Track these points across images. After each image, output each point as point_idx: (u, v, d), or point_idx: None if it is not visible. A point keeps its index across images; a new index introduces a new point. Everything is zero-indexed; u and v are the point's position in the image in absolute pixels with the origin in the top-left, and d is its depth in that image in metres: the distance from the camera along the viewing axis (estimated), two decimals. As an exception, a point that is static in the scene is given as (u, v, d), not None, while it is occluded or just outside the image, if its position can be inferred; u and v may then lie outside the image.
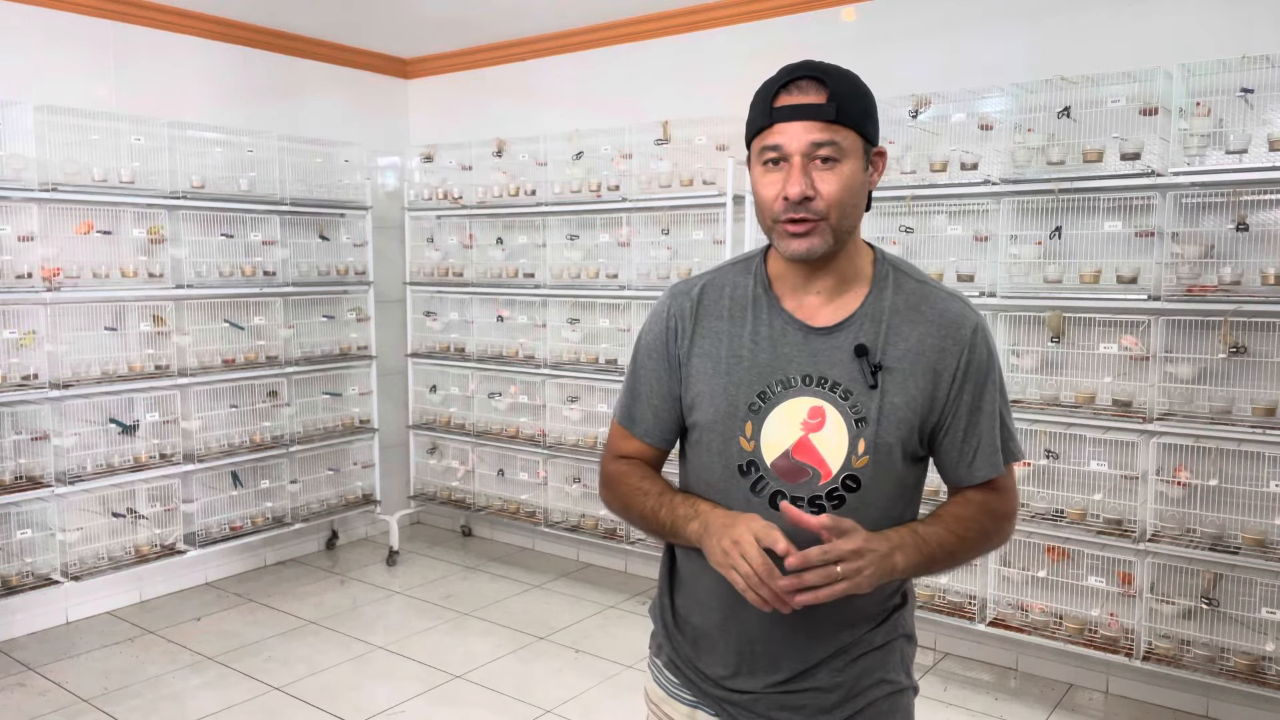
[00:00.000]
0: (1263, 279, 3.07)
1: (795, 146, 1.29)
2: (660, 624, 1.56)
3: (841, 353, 1.36)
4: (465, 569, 5.01)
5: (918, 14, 3.92)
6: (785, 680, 1.42)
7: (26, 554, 3.86)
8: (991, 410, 1.40)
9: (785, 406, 1.36)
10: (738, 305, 1.43)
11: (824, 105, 1.29)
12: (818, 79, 1.31)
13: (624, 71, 4.75)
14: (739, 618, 1.41)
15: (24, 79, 4.00)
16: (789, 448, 1.36)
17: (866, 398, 1.35)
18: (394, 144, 5.60)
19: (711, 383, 1.40)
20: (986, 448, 1.40)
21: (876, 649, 1.44)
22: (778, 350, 1.38)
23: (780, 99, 1.31)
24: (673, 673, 1.53)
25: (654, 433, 1.49)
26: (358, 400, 5.20)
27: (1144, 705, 3.49)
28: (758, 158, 1.34)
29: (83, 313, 4.03)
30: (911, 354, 1.36)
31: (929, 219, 3.80)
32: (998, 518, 1.43)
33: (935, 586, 3.73)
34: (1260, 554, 3.07)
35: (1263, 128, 3.11)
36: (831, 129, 1.29)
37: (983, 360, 1.39)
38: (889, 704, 1.45)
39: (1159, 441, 3.28)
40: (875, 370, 1.35)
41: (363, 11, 4.70)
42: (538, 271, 4.86)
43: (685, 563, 1.51)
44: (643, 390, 1.49)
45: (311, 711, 3.43)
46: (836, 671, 1.42)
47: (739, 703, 1.45)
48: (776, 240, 1.36)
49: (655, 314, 1.50)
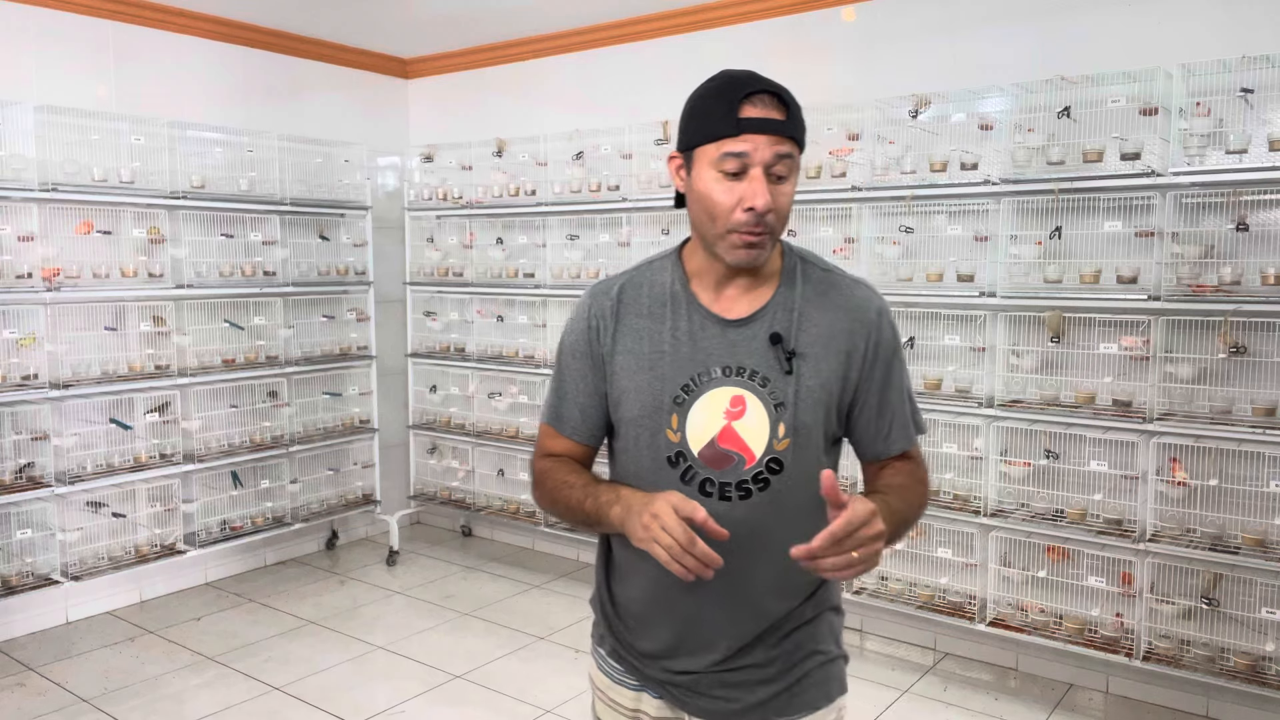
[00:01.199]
0: (1263, 279, 3.07)
1: (760, 158, 1.34)
2: (600, 614, 1.61)
3: (757, 342, 1.43)
4: (465, 569, 5.01)
5: (918, 14, 3.92)
6: (724, 659, 1.48)
7: (26, 554, 3.86)
8: (900, 386, 1.49)
9: (708, 397, 1.43)
10: (657, 302, 1.48)
11: (786, 122, 1.35)
12: (776, 95, 1.36)
13: (624, 71, 4.75)
14: (676, 601, 1.47)
15: (24, 79, 4.01)
16: (714, 436, 1.42)
17: (783, 383, 1.41)
18: (394, 144, 5.60)
19: (636, 378, 1.46)
20: (900, 421, 1.49)
21: (807, 622, 1.51)
22: (697, 344, 1.44)
23: (746, 110, 1.34)
24: (616, 660, 1.59)
25: (581, 430, 1.53)
26: (358, 400, 5.20)
27: (1144, 705, 3.49)
28: (713, 163, 1.36)
29: (83, 313, 4.03)
30: (823, 338, 1.43)
31: (929, 219, 3.80)
32: (922, 482, 1.52)
33: (935, 586, 3.73)
34: (1260, 554, 3.07)
35: (1263, 128, 3.11)
36: (788, 144, 1.36)
37: (889, 340, 1.47)
38: (823, 673, 1.53)
39: (1159, 441, 3.28)
40: (790, 356, 1.42)
41: (363, 11, 4.70)
42: (538, 271, 4.86)
43: (621, 552, 1.56)
44: (568, 390, 1.53)
45: (311, 711, 3.43)
46: (771, 646, 1.49)
47: (681, 683, 1.51)
48: (724, 249, 1.39)
49: (576, 315, 1.54)
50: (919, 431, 1.53)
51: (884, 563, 3.84)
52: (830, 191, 3.87)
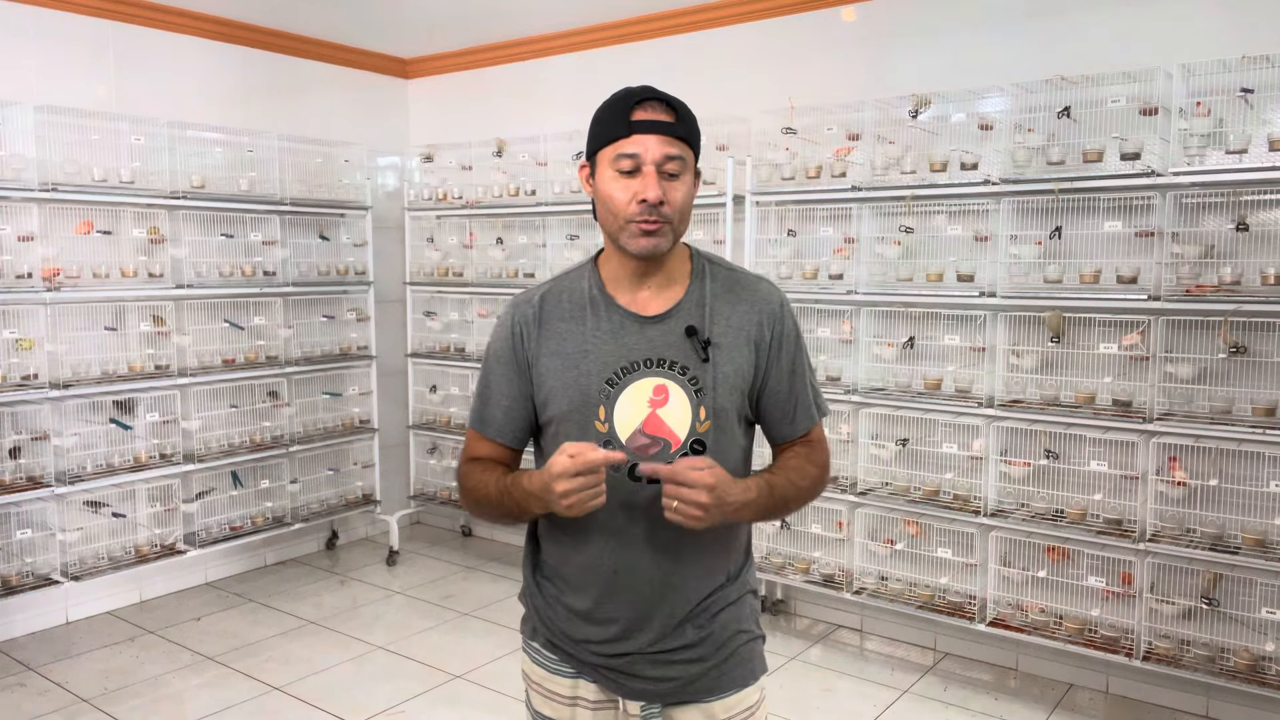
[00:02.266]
0: (1263, 279, 3.07)
1: (650, 156, 1.47)
2: (531, 607, 1.73)
3: (674, 335, 1.55)
4: (465, 569, 5.01)
5: (918, 14, 3.92)
6: (655, 639, 1.57)
7: (26, 554, 3.86)
8: (802, 372, 1.63)
9: (632, 388, 1.53)
10: (577, 307, 1.58)
11: (676, 124, 1.49)
12: (665, 101, 1.50)
13: (624, 71, 4.75)
14: (604, 588, 1.57)
15: (24, 79, 4.00)
16: (640, 424, 1.53)
17: (701, 370, 1.54)
18: (394, 144, 5.60)
19: (563, 376, 1.55)
20: (804, 404, 1.63)
21: (731, 604, 1.62)
22: (619, 340, 1.55)
23: (637, 114, 1.48)
24: (550, 650, 1.68)
25: (506, 431, 1.63)
26: (358, 400, 5.20)
27: (1144, 705, 3.49)
28: (610, 164, 1.49)
29: (83, 313, 4.03)
30: (733, 329, 1.56)
31: (929, 219, 3.80)
32: (819, 465, 1.64)
33: (935, 586, 3.73)
34: (1260, 554, 3.07)
35: (1263, 128, 3.11)
36: (678, 144, 1.49)
37: (791, 329, 1.61)
38: (748, 650, 1.64)
39: (1159, 441, 3.28)
40: (705, 345, 1.54)
41: (363, 11, 4.70)
42: (538, 271, 4.86)
43: (549, 546, 1.67)
44: (493, 394, 1.63)
45: (311, 711, 3.43)
46: (700, 627, 1.58)
47: (617, 666, 1.59)
48: (626, 239, 1.50)
49: (500, 325, 1.63)
50: (821, 414, 1.66)
51: (884, 563, 3.85)
52: (830, 191, 3.87)
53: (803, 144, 3.98)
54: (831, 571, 3.96)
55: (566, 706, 1.65)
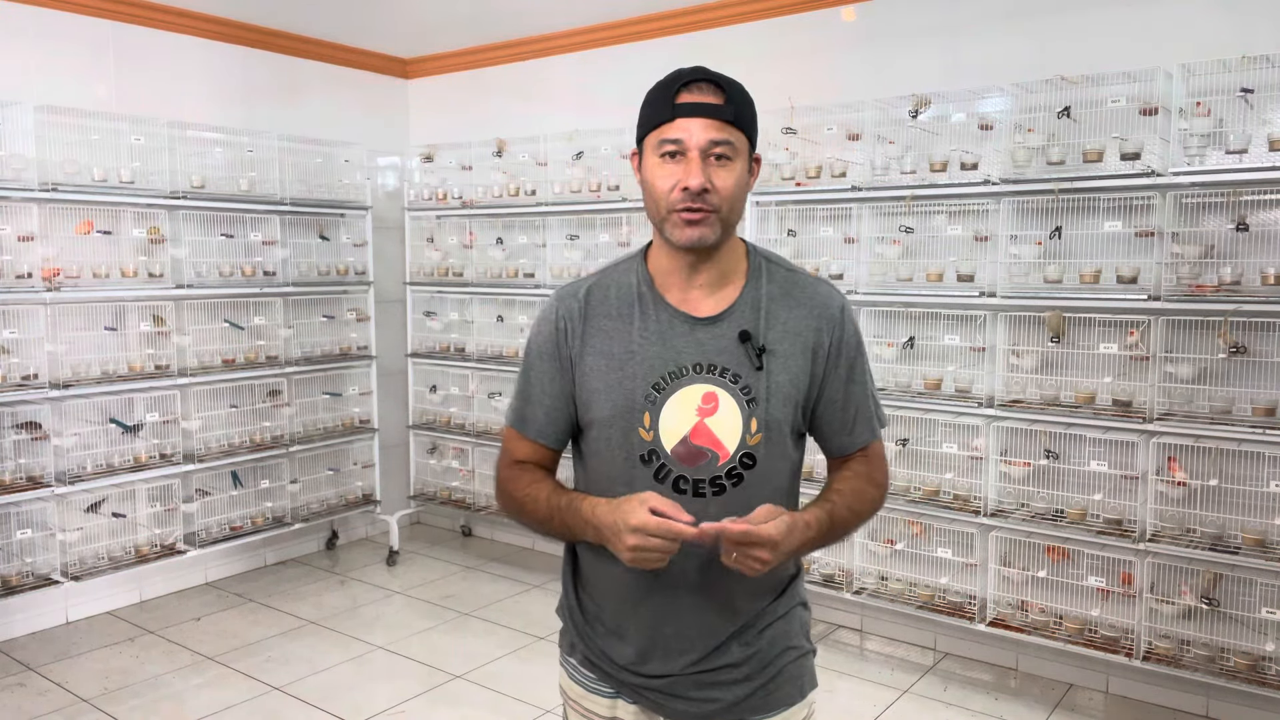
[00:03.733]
0: (1263, 279, 3.07)
1: (695, 141, 1.37)
2: (570, 622, 1.61)
3: (727, 340, 1.45)
4: (465, 569, 5.01)
5: (918, 14, 3.92)
6: (699, 659, 1.48)
7: (26, 554, 3.86)
8: (863, 381, 1.53)
9: (680, 395, 1.44)
10: (624, 303, 1.49)
11: (723, 106, 1.38)
12: (715, 83, 1.40)
13: (624, 71, 4.75)
14: (647, 604, 1.48)
15: (24, 79, 4.00)
16: (686, 434, 1.43)
17: (755, 379, 1.44)
18: (394, 144, 5.60)
19: (607, 378, 1.46)
20: (864, 415, 1.53)
21: (780, 619, 1.53)
22: (667, 342, 1.45)
23: (682, 97, 1.39)
24: (589, 669, 1.58)
25: (546, 432, 1.53)
26: (358, 400, 5.20)
27: (1144, 705, 3.49)
28: (654, 150, 1.41)
29: (83, 313, 4.03)
30: (790, 335, 1.46)
31: (929, 219, 3.80)
32: (878, 485, 1.55)
33: (935, 586, 3.73)
34: (1260, 554, 3.07)
35: (1263, 128, 3.11)
36: (727, 129, 1.38)
37: (852, 336, 1.51)
38: (796, 668, 1.55)
39: (1159, 441, 3.28)
40: (760, 353, 1.44)
41: (363, 11, 4.70)
42: (538, 271, 4.86)
43: (588, 558, 1.56)
44: (534, 392, 1.53)
45: (311, 711, 3.43)
46: (746, 645, 1.50)
47: (657, 687, 1.50)
48: (670, 229, 1.42)
49: (543, 318, 1.54)
50: (881, 425, 1.56)
51: (884, 562, 3.85)
52: (830, 191, 3.87)
53: (803, 144, 3.98)
54: (831, 571, 3.96)
55: None
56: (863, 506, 1.52)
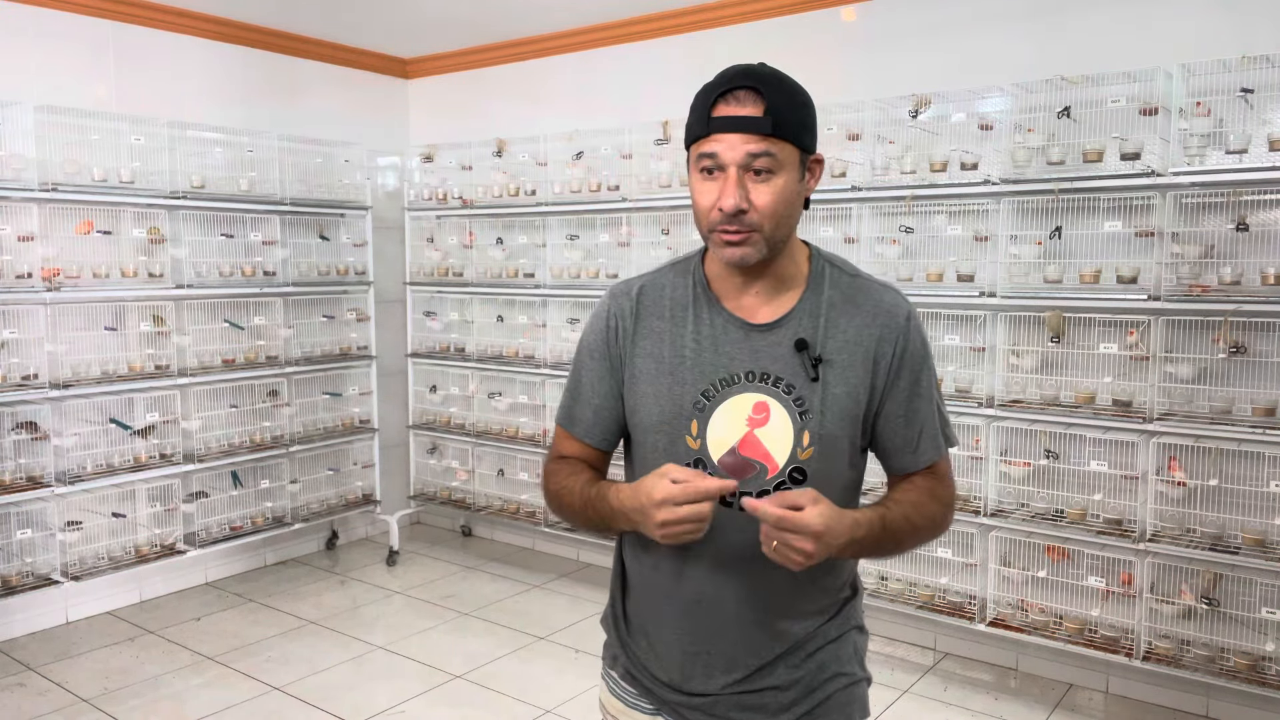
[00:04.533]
0: (1263, 279, 3.07)
1: (731, 157, 1.29)
2: (614, 634, 1.56)
3: (782, 348, 1.38)
4: (465, 569, 5.01)
5: (918, 14, 3.92)
6: (742, 679, 1.42)
7: (26, 554, 3.86)
8: (929, 396, 1.43)
9: (730, 403, 1.38)
10: (678, 305, 1.44)
11: (760, 119, 1.28)
12: (756, 90, 1.29)
13: (624, 71, 4.75)
14: (692, 619, 1.43)
15: (24, 79, 4.00)
16: (735, 444, 1.37)
17: (809, 390, 1.37)
18: (394, 144, 5.60)
19: (656, 383, 1.41)
20: (929, 432, 1.43)
21: (831, 642, 1.46)
22: (720, 348, 1.40)
23: (719, 108, 1.31)
24: (630, 683, 1.53)
25: (594, 432, 1.49)
26: (358, 400, 5.20)
27: (1144, 705, 3.49)
28: (695, 164, 1.34)
29: (83, 313, 4.03)
30: (850, 345, 1.39)
31: (929, 219, 3.80)
32: (944, 504, 1.46)
33: (935, 586, 3.73)
34: (1260, 554, 3.07)
35: (1263, 128, 3.11)
36: (768, 141, 1.29)
37: (918, 348, 1.42)
38: (846, 695, 1.47)
39: (1159, 441, 3.28)
40: (816, 363, 1.37)
41: (363, 11, 4.70)
42: (538, 271, 4.86)
43: (634, 568, 1.51)
44: (584, 391, 1.49)
45: (311, 711, 3.43)
46: (794, 668, 1.43)
47: (698, 706, 1.45)
48: (713, 246, 1.37)
49: (596, 315, 1.50)
50: (949, 444, 1.47)
51: (884, 562, 3.85)
52: (830, 191, 3.86)
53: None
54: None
55: None
56: (922, 521, 1.41)
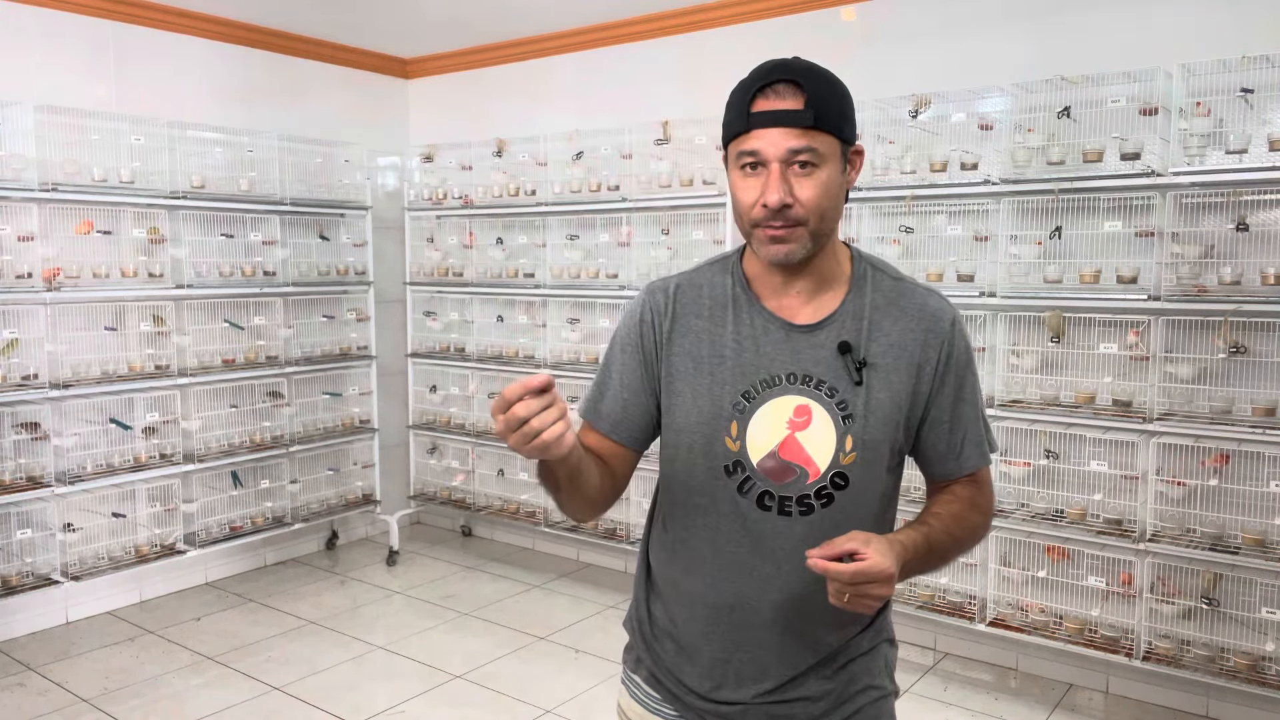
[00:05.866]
0: (1263, 279, 3.07)
1: (773, 153, 1.27)
2: (639, 636, 1.52)
3: (825, 350, 1.35)
4: (465, 569, 5.01)
5: (918, 14, 3.92)
6: (773, 689, 1.39)
7: (26, 554, 3.86)
8: (974, 401, 1.41)
9: (771, 405, 1.34)
10: (717, 304, 1.40)
11: (801, 111, 1.26)
12: (795, 82, 1.27)
13: (624, 71, 4.75)
14: (723, 625, 1.40)
15: (24, 79, 4.00)
16: (775, 447, 1.34)
17: (853, 394, 1.34)
18: (394, 144, 5.60)
19: (694, 382, 1.38)
20: (973, 438, 1.41)
21: (863, 654, 1.44)
22: (760, 349, 1.36)
23: (758, 103, 1.28)
24: (653, 687, 1.49)
25: (620, 428, 1.42)
26: (358, 400, 5.20)
27: (1144, 705, 3.49)
28: (735, 161, 1.32)
29: (83, 313, 4.03)
30: (894, 349, 1.36)
31: (929, 219, 3.80)
32: (984, 512, 1.44)
33: (935, 586, 3.73)
34: (1260, 554, 3.07)
35: (1263, 128, 3.11)
36: (809, 135, 1.26)
37: (962, 353, 1.40)
38: (875, 709, 1.45)
39: (1159, 441, 3.28)
40: (860, 367, 1.34)
41: (363, 11, 4.70)
42: (538, 271, 4.86)
43: (662, 569, 1.48)
44: (612, 385, 1.44)
45: (311, 711, 3.43)
46: (825, 679, 1.41)
47: (726, 715, 1.42)
48: (756, 245, 1.34)
49: (630, 311, 1.46)
50: (991, 449, 1.44)
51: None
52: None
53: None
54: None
55: None
56: (964, 534, 1.39)
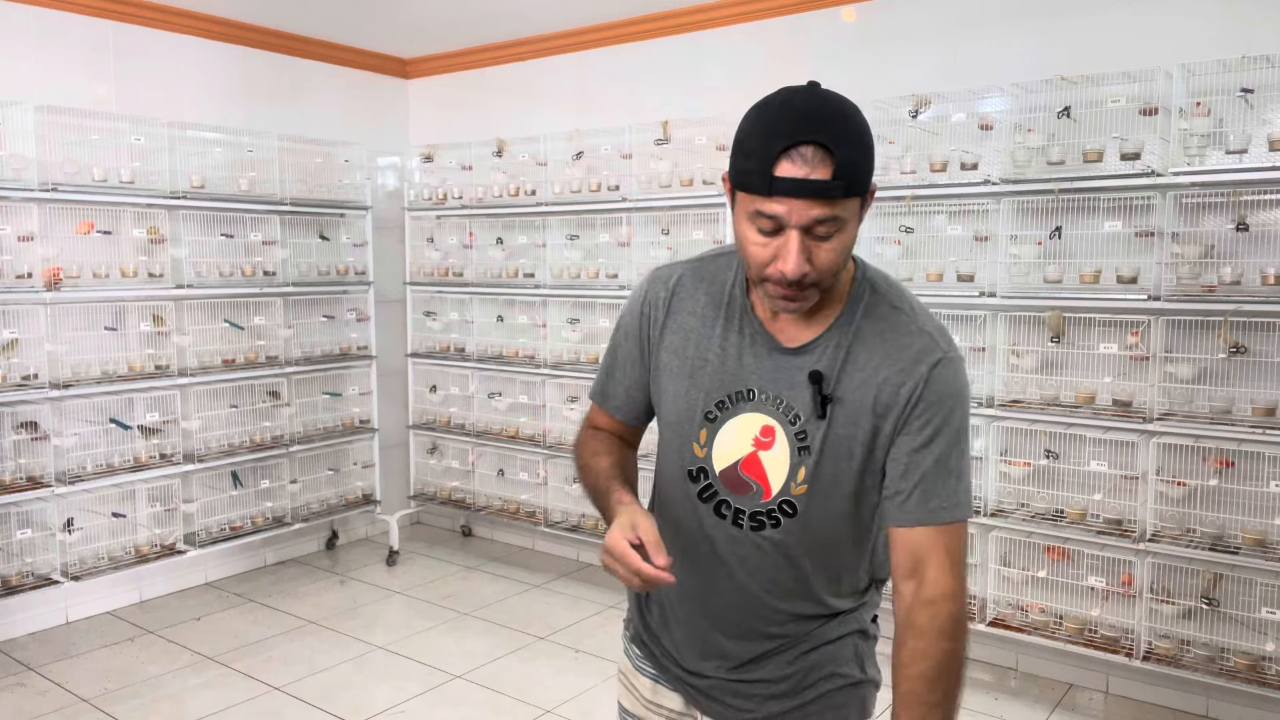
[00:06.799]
0: (1263, 279, 3.07)
1: (795, 220, 1.18)
2: (633, 602, 1.61)
3: (801, 374, 1.32)
4: (465, 569, 5.01)
5: (918, 14, 3.92)
6: (735, 668, 1.46)
7: (26, 554, 3.86)
8: (943, 456, 1.28)
9: (741, 420, 1.35)
10: (711, 304, 1.39)
11: (831, 184, 1.15)
12: (824, 146, 1.16)
13: (624, 71, 4.75)
14: (689, 606, 1.47)
15: (24, 79, 4.00)
16: (739, 460, 1.36)
17: (814, 426, 1.31)
18: (394, 144, 5.60)
19: (675, 382, 1.41)
20: (924, 491, 1.28)
21: (829, 643, 1.48)
22: (742, 361, 1.36)
23: (782, 166, 1.16)
24: (638, 646, 1.59)
25: (625, 410, 1.50)
26: (358, 400, 5.20)
27: (1144, 705, 3.49)
28: (748, 216, 1.22)
29: (83, 313, 4.03)
30: (865, 385, 1.30)
31: (929, 219, 3.80)
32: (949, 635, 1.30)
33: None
34: (1260, 554, 3.07)
35: (1263, 128, 3.11)
36: (835, 205, 1.18)
37: (938, 401, 1.28)
38: (842, 696, 1.51)
39: (1159, 441, 3.28)
40: (825, 401, 1.30)
41: (363, 11, 4.70)
42: (538, 271, 4.86)
43: None
44: (617, 369, 1.50)
45: (311, 711, 3.43)
46: (787, 664, 1.46)
47: (696, 685, 1.50)
48: (763, 294, 1.28)
49: (634, 297, 1.49)
50: (955, 516, 1.28)
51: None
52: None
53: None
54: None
55: (643, 707, 1.58)
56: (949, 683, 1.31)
